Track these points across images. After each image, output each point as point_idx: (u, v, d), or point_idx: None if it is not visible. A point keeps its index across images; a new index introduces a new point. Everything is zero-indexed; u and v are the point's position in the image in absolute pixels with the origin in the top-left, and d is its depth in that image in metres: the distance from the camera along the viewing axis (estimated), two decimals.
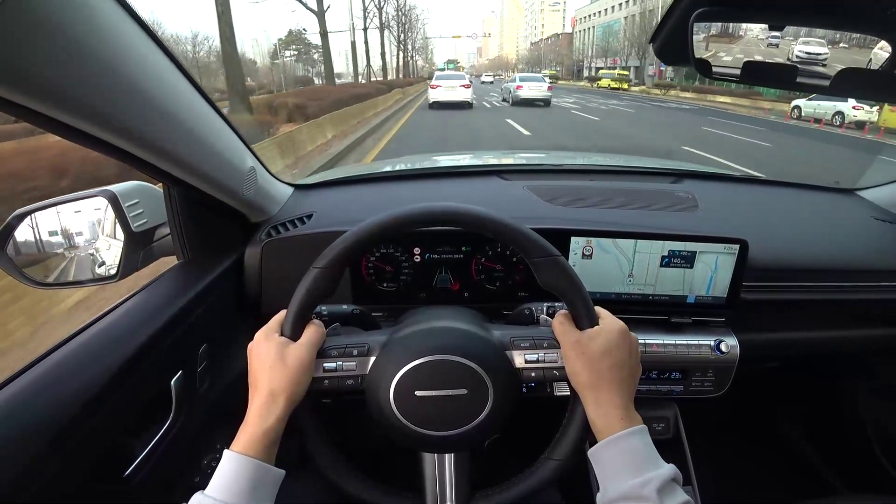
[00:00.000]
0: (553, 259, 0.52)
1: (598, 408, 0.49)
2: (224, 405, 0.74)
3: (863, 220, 1.07)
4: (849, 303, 0.95)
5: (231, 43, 10.31)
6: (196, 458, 0.72)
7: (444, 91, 15.25)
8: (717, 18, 0.68)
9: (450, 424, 0.51)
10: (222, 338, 0.77)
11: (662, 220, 0.96)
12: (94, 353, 0.56)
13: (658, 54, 0.68)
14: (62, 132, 0.44)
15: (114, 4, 0.44)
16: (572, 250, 0.84)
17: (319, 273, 0.51)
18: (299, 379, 0.49)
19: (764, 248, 0.88)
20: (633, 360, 0.52)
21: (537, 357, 0.52)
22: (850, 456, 1.27)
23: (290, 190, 1.03)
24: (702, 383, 0.90)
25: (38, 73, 0.37)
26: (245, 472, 0.45)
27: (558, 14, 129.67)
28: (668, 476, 0.44)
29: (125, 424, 0.57)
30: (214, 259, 0.80)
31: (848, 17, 0.64)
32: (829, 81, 0.65)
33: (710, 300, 0.87)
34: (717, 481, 1.04)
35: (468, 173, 1.26)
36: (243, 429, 0.48)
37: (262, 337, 0.52)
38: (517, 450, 0.84)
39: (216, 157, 0.67)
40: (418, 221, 0.52)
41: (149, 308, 0.65)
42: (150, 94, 0.49)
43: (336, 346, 0.53)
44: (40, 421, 0.47)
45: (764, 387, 1.40)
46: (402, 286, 0.88)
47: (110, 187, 0.70)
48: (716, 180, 1.28)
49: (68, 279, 0.72)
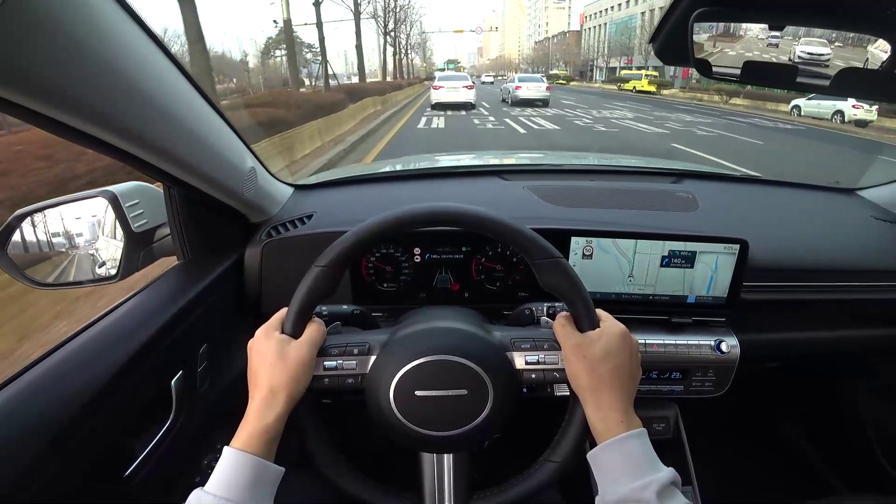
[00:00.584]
0: (554, 261, 0.52)
1: (597, 411, 0.49)
2: (224, 405, 0.74)
3: (863, 219, 1.07)
4: (849, 303, 0.95)
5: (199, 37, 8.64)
6: (196, 458, 0.72)
7: (446, 92, 15.08)
8: (716, 18, 0.68)
9: (449, 425, 0.51)
10: (222, 338, 0.77)
11: (663, 220, 0.96)
12: (94, 353, 0.56)
13: (658, 54, 0.68)
14: (62, 132, 0.44)
15: (114, 4, 0.44)
16: (572, 250, 0.84)
17: (321, 272, 0.51)
18: (299, 376, 0.49)
19: (764, 248, 0.88)
20: (633, 364, 0.52)
21: (538, 358, 0.52)
22: (850, 456, 1.27)
23: (291, 190, 1.03)
24: (702, 383, 0.90)
25: (38, 73, 0.37)
26: (244, 468, 0.45)
27: (563, 11, 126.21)
28: (667, 480, 0.44)
29: (125, 424, 0.57)
30: (215, 259, 0.80)
31: (848, 17, 0.64)
32: (829, 81, 0.65)
33: (711, 300, 0.87)
34: (717, 481, 1.04)
35: (468, 173, 1.26)
36: (243, 426, 0.48)
37: (263, 334, 0.52)
38: (517, 450, 0.84)
39: (216, 157, 0.67)
40: (419, 221, 0.52)
41: (149, 308, 0.66)
42: (150, 94, 0.49)
43: (336, 344, 0.53)
44: (41, 421, 0.47)
45: (764, 387, 1.40)
46: (403, 286, 0.88)
47: (110, 188, 0.70)
48: (716, 180, 1.28)
49: (68, 279, 0.72)
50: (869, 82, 0.69)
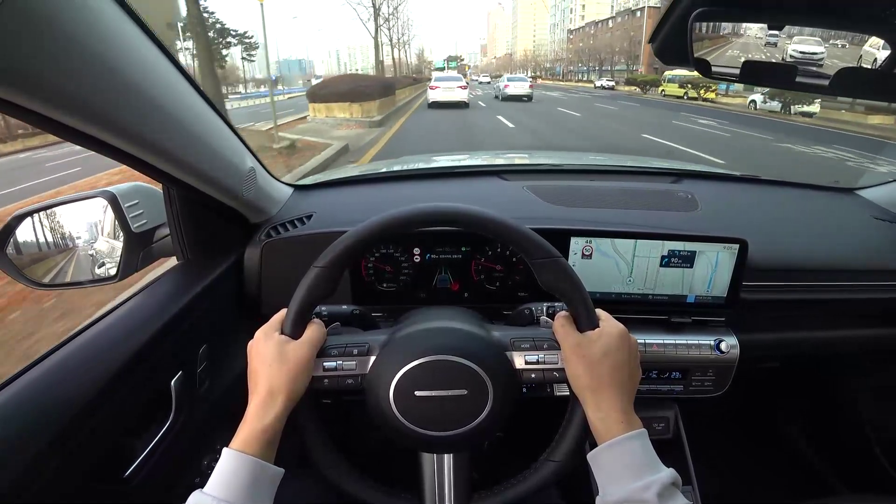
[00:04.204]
0: (554, 260, 0.52)
1: (598, 411, 0.49)
2: (224, 406, 0.74)
3: (862, 219, 1.07)
4: (848, 302, 0.95)
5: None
6: (196, 459, 0.72)
7: (442, 92, 16.56)
8: (716, 18, 0.68)
9: (449, 425, 0.51)
10: (222, 338, 0.77)
11: (662, 220, 0.96)
12: (94, 353, 0.56)
13: (657, 54, 0.68)
14: (62, 133, 0.44)
15: (114, 5, 0.44)
16: (572, 250, 0.84)
17: (320, 272, 0.51)
18: (299, 377, 0.49)
19: (764, 248, 0.88)
20: (633, 363, 0.52)
21: (537, 358, 0.53)
22: (850, 456, 1.27)
23: (290, 190, 1.03)
24: (702, 383, 0.90)
25: (37, 73, 0.37)
26: (243, 469, 0.45)
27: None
28: (668, 480, 0.45)
29: (125, 425, 0.57)
30: (214, 260, 0.80)
31: (847, 16, 0.64)
32: (829, 81, 0.65)
33: (710, 300, 0.87)
34: (716, 481, 1.04)
35: (468, 173, 1.26)
36: (242, 426, 0.48)
37: (262, 335, 0.52)
38: (517, 450, 0.84)
39: (216, 157, 0.67)
40: (418, 221, 0.52)
41: (149, 309, 0.66)
42: (149, 94, 0.49)
43: (336, 345, 0.53)
44: (41, 421, 0.47)
45: (764, 387, 1.40)
46: (402, 286, 0.88)
47: (110, 188, 0.70)
48: (715, 180, 1.28)
49: (68, 280, 0.72)
50: (868, 82, 0.69)
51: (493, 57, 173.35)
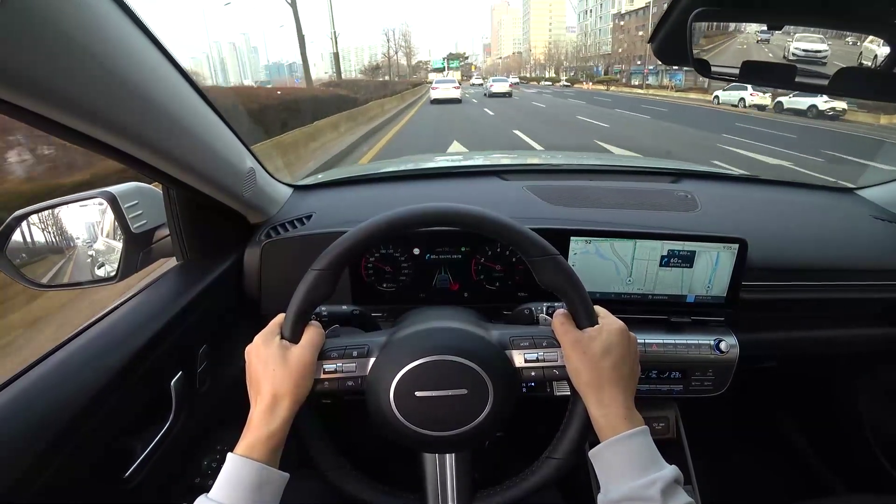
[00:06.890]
0: (552, 258, 0.52)
1: (600, 407, 0.49)
2: (224, 406, 0.74)
3: (862, 219, 1.07)
4: (848, 302, 0.95)
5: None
6: (196, 459, 0.72)
7: (441, 91, 23.04)
8: (716, 18, 0.68)
9: (450, 424, 0.51)
10: (222, 339, 0.77)
11: (662, 220, 0.96)
12: (94, 354, 0.56)
13: (657, 54, 0.68)
14: (62, 134, 0.44)
15: (113, 6, 0.44)
16: (572, 250, 0.84)
17: (318, 275, 0.51)
18: (302, 381, 0.49)
19: (763, 248, 0.88)
20: (632, 359, 0.52)
21: (537, 356, 0.53)
22: (850, 456, 1.27)
23: (290, 191, 1.03)
24: (701, 383, 0.90)
25: (37, 74, 0.37)
26: (249, 475, 0.45)
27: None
28: (671, 477, 0.45)
29: (125, 425, 0.57)
30: (214, 260, 0.80)
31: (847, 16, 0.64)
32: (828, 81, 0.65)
33: (710, 300, 0.87)
34: (717, 481, 1.04)
35: (468, 173, 1.26)
36: (247, 432, 0.47)
37: (262, 341, 0.51)
38: (518, 449, 0.84)
39: (215, 157, 0.67)
40: (417, 222, 0.52)
41: (148, 309, 0.66)
42: (149, 95, 0.49)
43: (336, 347, 0.53)
44: (41, 422, 0.47)
45: (764, 386, 1.40)
46: (402, 286, 0.88)
47: (110, 188, 0.70)
48: (715, 180, 1.28)
49: (67, 280, 0.72)
50: (868, 81, 0.69)
51: (497, 57, 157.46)
